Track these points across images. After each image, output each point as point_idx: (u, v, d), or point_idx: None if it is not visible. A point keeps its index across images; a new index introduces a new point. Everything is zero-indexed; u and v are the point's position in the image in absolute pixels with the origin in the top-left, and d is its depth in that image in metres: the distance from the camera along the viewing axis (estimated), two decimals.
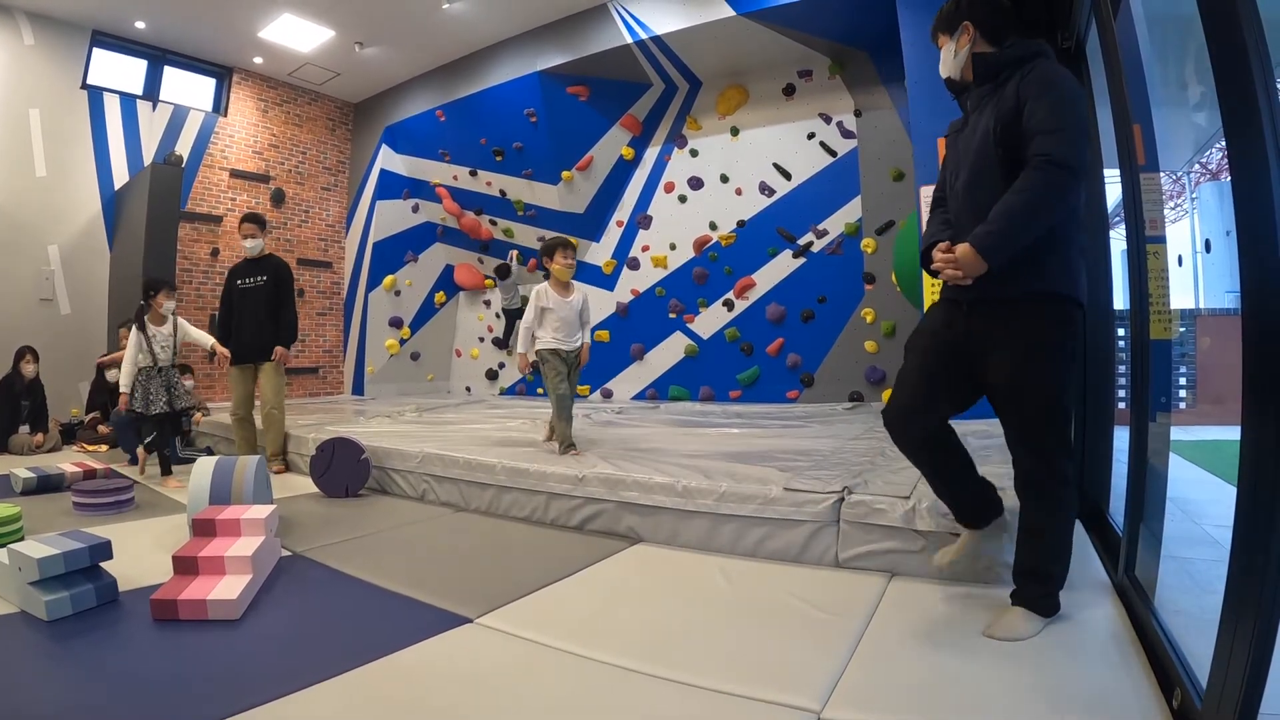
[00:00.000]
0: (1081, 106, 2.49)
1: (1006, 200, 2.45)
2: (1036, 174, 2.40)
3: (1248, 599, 1.55)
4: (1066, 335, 2.56)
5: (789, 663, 2.36)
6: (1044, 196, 2.39)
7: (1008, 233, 2.44)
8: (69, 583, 2.88)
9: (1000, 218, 2.45)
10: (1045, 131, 2.42)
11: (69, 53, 9.30)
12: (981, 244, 2.48)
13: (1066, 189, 2.40)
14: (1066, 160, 2.36)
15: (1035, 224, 2.43)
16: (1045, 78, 2.50)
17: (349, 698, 2.19)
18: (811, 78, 8.88)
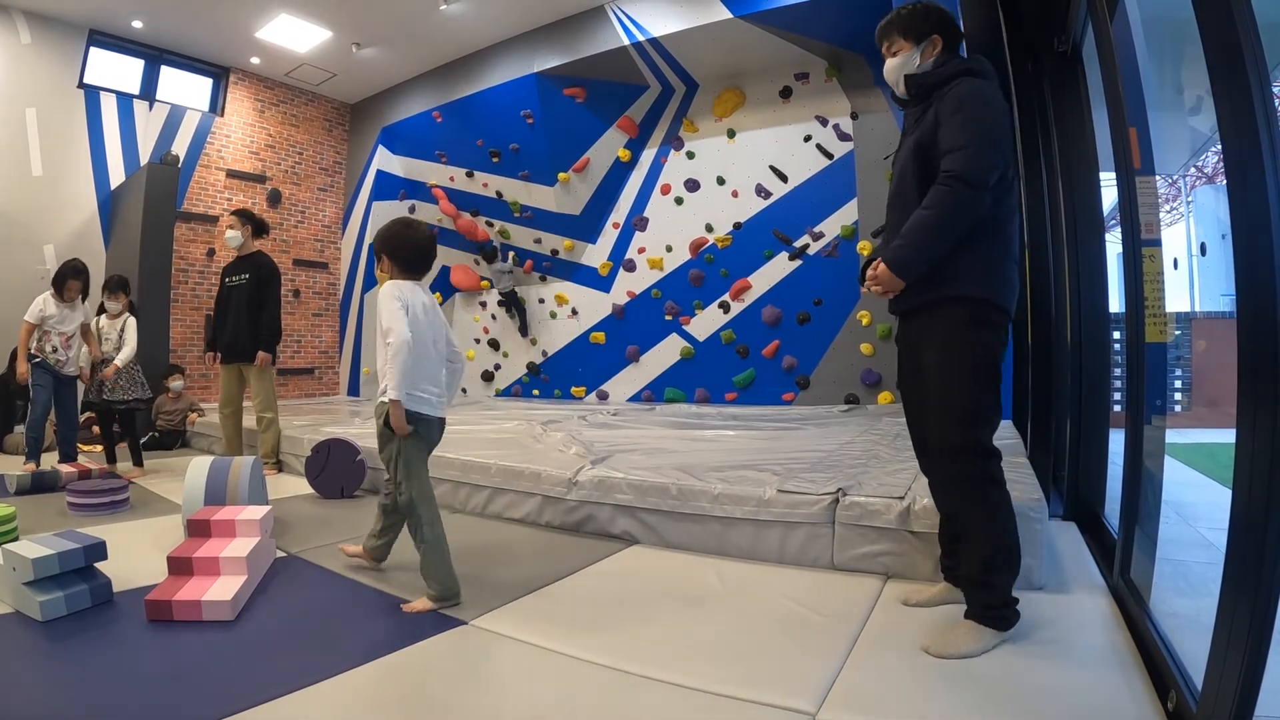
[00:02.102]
0: (995, 122, 2.53)
1: (915, 217, 2.53)
2: (940, 190, 2.47)
3: (1242, 601, 1.55)
4: (978, 336, 2.57)
5: (784, 664, 2.36)
6: (948, 213, 2.46)
7: (916, 248, 2.53)
8: (64, 583, 2.87)
9: (908, 234, 2.53)
10: (952, 149, 2.49)
11: (66, 52, 9.29)
12: (893, 261, 2.58)
13: (969, 204, 2.45)
14: (968, 177, 2.43)
15: (942, 239, 2.50)
16: (959, 96, 2.55)
17: (344, 699, 2.19)
18: (808, 80, 8.89)
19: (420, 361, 3.02)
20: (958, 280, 2.56)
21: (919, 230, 2.51)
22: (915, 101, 2.79)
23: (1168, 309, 3.00)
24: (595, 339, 10.60)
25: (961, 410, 2.58)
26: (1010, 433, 5.12)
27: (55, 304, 5.96)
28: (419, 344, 3.01)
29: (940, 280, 2.58)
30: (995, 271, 2.58)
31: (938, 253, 2.53)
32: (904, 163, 2.75)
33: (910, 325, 2.77)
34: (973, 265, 2.55)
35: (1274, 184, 1.52)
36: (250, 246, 6.30)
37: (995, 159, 2.48)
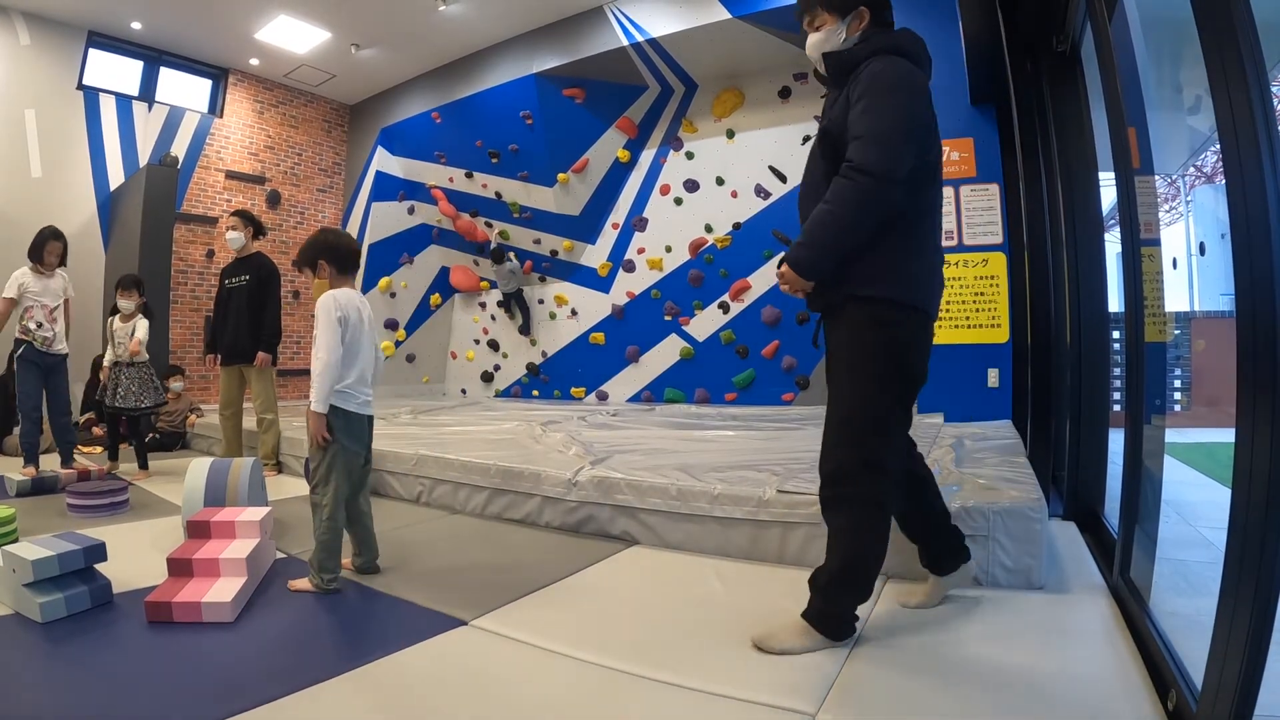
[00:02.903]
0: (906, 108, 2.36)
1: (816, 213, 2.37)
2: (841, 184, 2.32)
3: (1242, 600, 1.55)
4: (877, 339, 2.42)
5: (784, 664, 2.36)
6: (850, 208, 2.30)
7: (816, 247, 2.38)
8: (63, 585, 2.87)
9: (809, 231, 2.39)
10: (856, 137, 2.32)
11: (65, 53, 9.30)
12: (793, 260, 2.43)
13: (874, 199, 2.29)
14: (871, 168, 2.26)
15: (843, 236, 2.34)
16: (870, 79, 2.38)
17: (344, 700, 2.19)
18: (807, 80, 8.88)
19: (353, 365, 3.23)
20: (857, 279, 2.42)
21: (818, 227, 2.35)
22: (833, 84, 2.60)
23: (1167, 309, 3.00)
24: (595, 339, 10.60)
25: (852, 419, 2.46)
26: (1010, 432, 5.14)
27: (33, 276, 5.77)
28: (357, 351, 3.24)
29: (843, 279, 2.43)
30: (899, 270, 2.43)
31: (841, 251, 2.37)
32: (812, 153, 2.60)
33: (825, 325, 2.64)
34: (873, 263, 2.40)
35: (1273, 183, 1.52)
36: (250, 248, 6.31)
37: (905, 149, 2.32)
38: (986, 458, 4.16)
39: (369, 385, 3.34)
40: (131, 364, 5.96)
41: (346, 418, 3.20)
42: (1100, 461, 3.99)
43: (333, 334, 3.13)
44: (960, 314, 6.08)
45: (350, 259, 3.41)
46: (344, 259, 3.38)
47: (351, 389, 3.22)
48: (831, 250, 2.36)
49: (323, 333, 3.14)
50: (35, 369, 5.75)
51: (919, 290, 2.47)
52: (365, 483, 3.46)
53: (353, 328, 3.21)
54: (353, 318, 3.23)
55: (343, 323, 3.17)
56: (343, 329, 3.17)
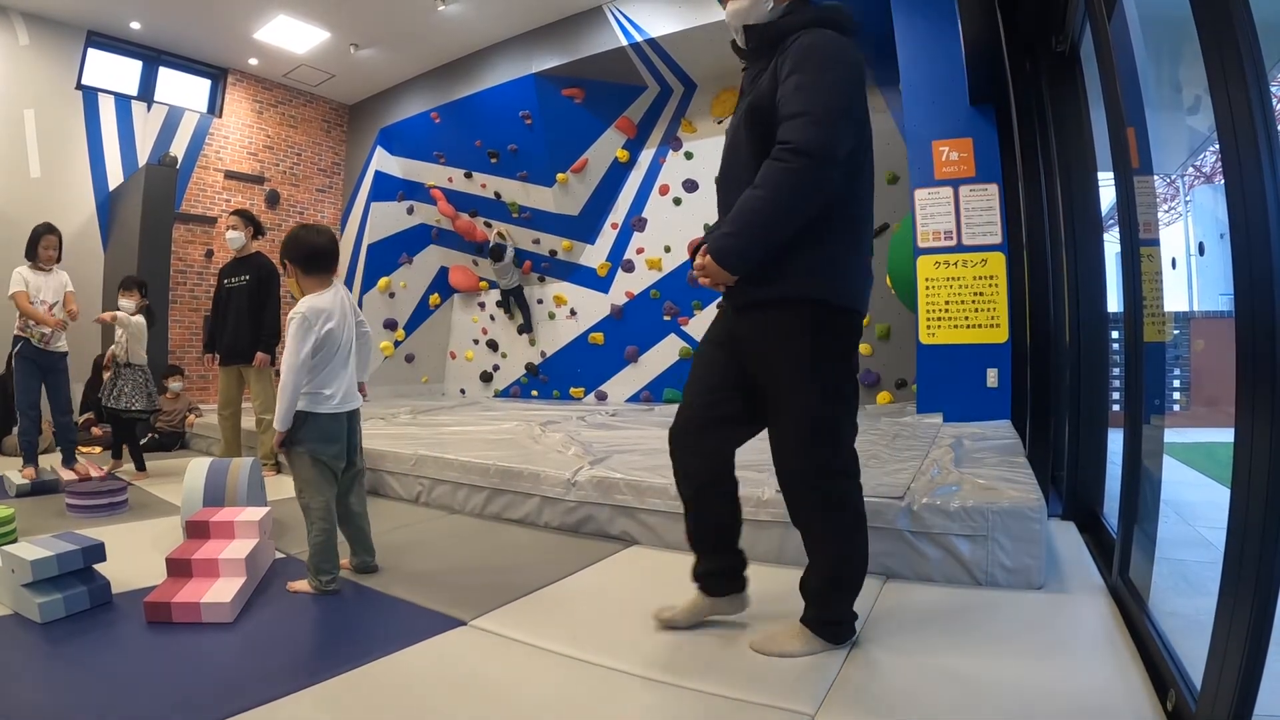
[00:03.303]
0: (848, 84, 2.19)
1: (744, 199, 2.17)
2: (774, 167, 2.12)
3: (1241, 600, 1.55)
4: (820, 344, 2.29)
5: (783, 665, 2.36)
6: (784, 193, 2.11)
7: (746, 237, 2.19)
8: (62, 585, 2.87)
9: (737, 219, 2.19)
10: (791, 115, 2.12)
11: (64, 53, 9.30)
12: (716, 249, 2.24)
13: (813, 182, 2.11)
14: (808, 148, 2.07)
15: (776, 225, 2.16)
16: (803, 49, 2.19)
17: (343, 701, 2.19)
18: None
19: (322, 370, 3.18)
20: (795, 277, 2.24)
21: (748, 214, 2.16)
22: (755, 57, 2.42)
23: (1166, 308, 3.00)
24: (594, 339, 10.60)
25: (805, 428, 2.32)
26: (1009, 432, 5.14)
27: (33, 274, 5.73)
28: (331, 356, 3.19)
29: (776, 275, 2.25)
30: (838, 267, 2.28)
31: (772, 242, 2.18)
32: (735, 132, 2.40)
33: (742, 322, 2.41)
34: (813, 260, 2.24)
35: (1272, 183, 1.52)
36: (250, 248, 6.31)
37: (845, 129, 2.15)
38: (986, 458, 4.16)
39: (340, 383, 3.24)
40: (129, 364, 5.95)
41: (314, 420, 3.16)
42: (1099, 461, 3.99)
43: (296, 356, 3.07)
44: (959, 314, 6.07)
45: (316, 258, 3.29)
46: (309, 258, 3.28)
47: (318, 391, 3.17)
48: (762, 239, 2.18)
49: (288, 349, 3.11)
50: (34, 367, 5.71)
51: (856, 290, 2.37)
52: (356, 482, 3.44)
53: (331, 335, 3.17)
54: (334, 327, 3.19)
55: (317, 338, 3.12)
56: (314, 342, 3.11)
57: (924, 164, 6.23)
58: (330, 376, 3.21)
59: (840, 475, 2.37)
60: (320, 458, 3.19)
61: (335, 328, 3.19)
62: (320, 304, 3.19)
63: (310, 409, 3.15)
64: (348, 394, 3.28)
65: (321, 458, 3.19)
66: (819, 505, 2.38)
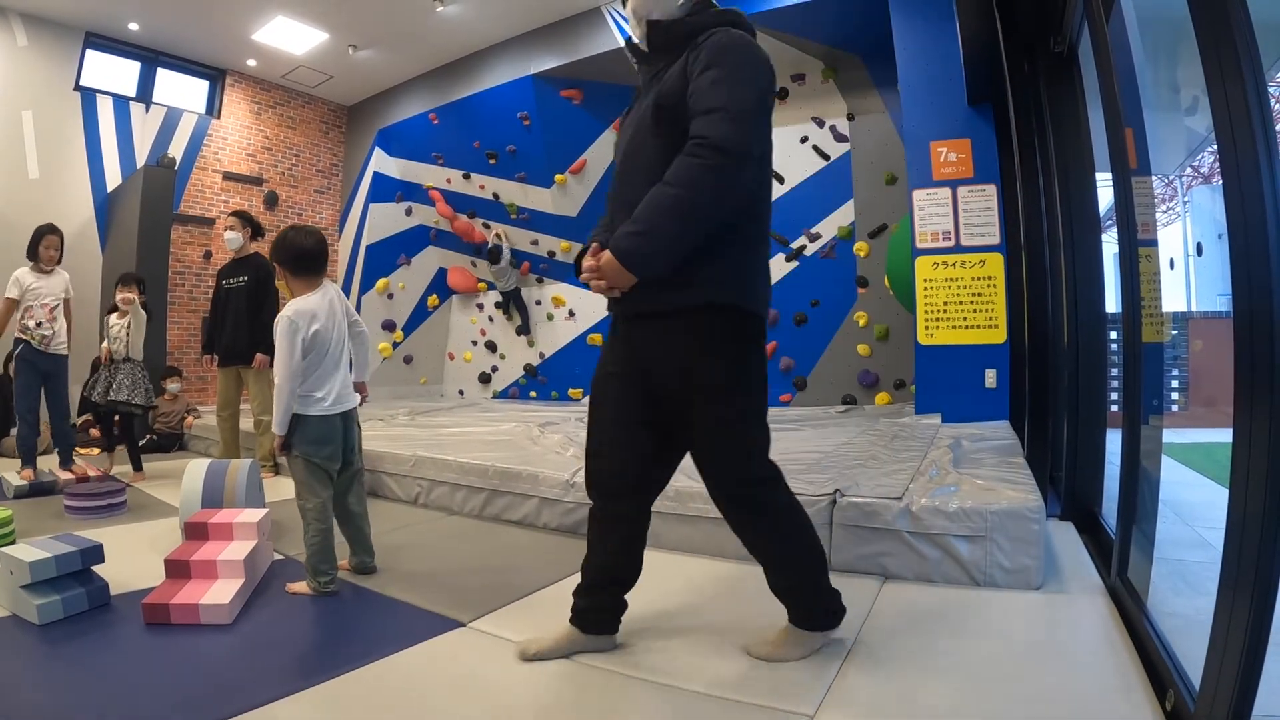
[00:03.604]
0: (760, 83, 2.15)
1: (655, 196, 2.04)
2: (691, 163, 2.01)
3: (1240, 600, 1.55)
4: (740, 353, 2.23)
5: (782, 666, 2.36)
6: (704, 191, 2.00)
7: (657, 236, 2.05)
8: (60, 586, 2.86)
9: (646, 217, 2.05)
10: (706, 111, 2.04)
11: (62, 54, 9.28)
12: (625, 250, 2.08)
13: (730, 180, 2.02)
14: (729, 145, 1.98)
15: (691, 223, 2.04)
16: (720, 46, 2.14)
17: (342, 702, 2.19)
18: (805, 81, 8.88)
19: (314, 371, 3.24)
20: (706, 283, 2.14)
21: (662, 212, 2.03)
22: (656, 54, 2.35)
23: (1164, 309, 3.00)
24: (593, 341, 10.58)
25: (732, 444, 2.25)
26: (1008, 433, 5.14)
27: (34, 275, 5.72)
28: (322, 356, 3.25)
29: (684, 280, 2.13)
30: (746, 271, 2.22)
31: (684, 242, 2.06)
32: (638, 129, 2.29)
33: (639, 332, 2.29)
34: (723, 264, 2.15)
35: (1270, 184, 1.52)
36: (248, 249, 6.31)
37: (761, 128, 2.11)
38: (984, 458, 4.17)
39: (333, 384, 3.29)
40: (127, 360, 5.95)
41: (307, 422, 3.20)
42: (1098, 462, 3.99)
43: (288, 357, 3.14)
44: (958, 315, 6.08)
45: (305, 259, 3.35)
46: (297, 259, 3.34)
47: (309, 393, 3.22)
48: (675, 241, 2.06)
49: (277, 355, 3.17)
50: (33, 369, 5.69)
51: (766, 296, 2.32)
52: (355, 482, 3.45)
53: (319, 336, 3.22)
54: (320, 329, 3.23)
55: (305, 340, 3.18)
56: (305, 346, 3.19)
57: (922, 164, 6.24)
58: (321, 379, 3.25)
59: (761, 483, 2.32)
60: (314, 459, 3.21)
61: (322, 329, 3.23)
62: (306, 306, 3.24)
63: (301, 411, 3.19)
64: (340, 395, 3.31)
65: (315, 459, 3.21)
66: (749, 516, 2.36)
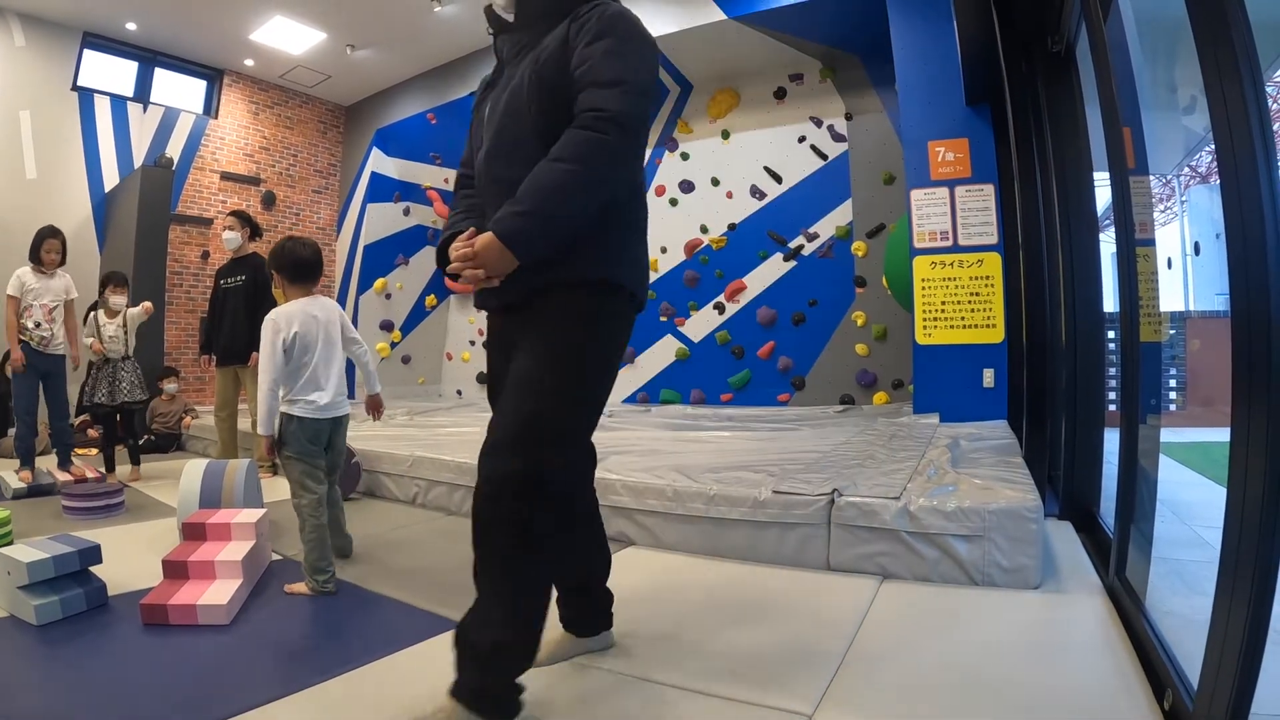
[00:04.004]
0: (651, 60, 2.03)
1: (540, 173, 1.84)
2: (584, 137, 1.83)
3: (1238, 600, 1.55)
4: (606, 332, 2.09)
5: (780, 665, 2.36)
6: (601, 165, 1.85)
7: (543, 215, 1.83)
8: (58, 587, 2.86)
9: (533, 194, 1.83)
10: (600, 84, 1.87)
11: (60, 54, 9.28)
12: (506, 230, 1.84)
13: (624, 155, 1.90)
14: (625, 119, 1.84)
15: (584, 200, 1.86)
16: (609, 19, 1.96)
17: (339, 703, 2.19)
18: (803, 81, 8.89)
19: (301, 374, 3.37)
20: (588, 257, 1.98)
21: (550, 190, 1.83)
22: (524, 25, 2.13)
23: (1162, 308, 3.00)
24: None
25: (537, 421, 1.90)
26: (1006, 433, 5.14)
27: (34, 276, 5.71)
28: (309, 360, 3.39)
29: (560, 260, 1.94)
30: (629, 250, 2.10)
31: (574, 223, 1.88)
32: (512, 104, 2.06)
33: (513, 321, 2.08)
34: (610, 243, 2.02)
35: (1268, 183, 1.52)
36: (246, 248, 6.31)
37: (648, 106, 1.99)
38: (982, 458, 4.17)
39: (324, 388, 3.42)
40: (126, 357, 5.98)
41: (300, 423, 3.34)
42: (1096, 461, 3.99)
43: (271, 357, 3.28)
44: (955, 314, 6.08)
45: (301, 269, 3.51)
46: (295, 268, 3.50)
47: (300, 396, 3.36)
48: (564, 221, 1.87)
49: (262, 355, 3.31)
50: (32, 370, 5.69)
51: (644, 277, 2.20)
52: (334, 467, 3.62)
53: (300, 339, 3.36)
54: (301, 330, 3.36)
55: (285, 340, 3.32)
56: (286, 346, 3.32)
57: (920, 164, 6.24)
58: (312, 383, 3.39)
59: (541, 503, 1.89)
60: (306, 459, 3.35)
61: (302, 331, 3.37)
62: (287, 309, 3.41)
63: (294, 413, 3.34)
64: (333, 402, 3.45)
65: (308, 459, 3.35)
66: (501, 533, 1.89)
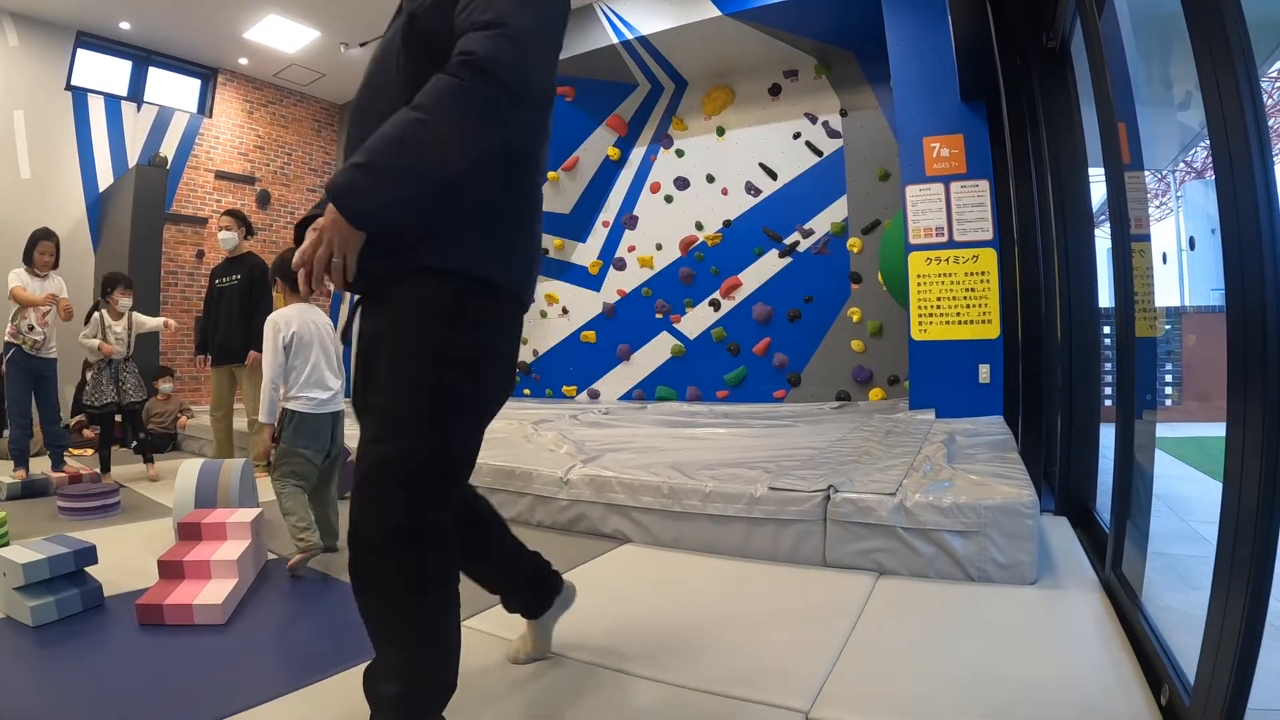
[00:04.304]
0: (555, 11, 1.75)
1: (394, 122, 1.51)
2: (451, 83, 1.48)
3: (1234, 594, 1.55)
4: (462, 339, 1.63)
5: (777, 663, 2.36)
6: (454, 118, 1.48)
7: (384, 169, 1.50)
8: (54, 588, 2.85)
9: (375, 147, 1.50)
10: (475, 26, 1.53)
11: (54, 54, 9.24)
12: (338, 186, 1.52)
13: (496, 112, 1.51)
14: (500, 68, 1.48)
15: (434, 159, 1.51)
16: None
17: (336, 702, 2.18)
18: (797, 78, 8.90)
19: (300, 370, 3.73)
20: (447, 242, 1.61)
21: (397, 142, 1.49)
22: None
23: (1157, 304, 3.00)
24: (586, 338, 10.58)
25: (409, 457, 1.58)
26: (1002, 428, 5.15)
27: (29, 278, 5.73)
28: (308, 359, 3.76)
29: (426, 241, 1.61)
30: (507, 236, 1.70)
31: (422, 185, 1.53)
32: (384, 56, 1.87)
33: (374, 311, 1.73)
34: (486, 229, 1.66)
35: (1263, 178, 1.52)
36: (241, 248, 6.30)
37: (547, 61, 1.68)
38: (978, 454, 4.17)
39: (327, 386, 3.79)
40: (128, 359, 5.97)
41: (302, 418, 3.69)
42: (1092, 457, 4.00)
43: (273, 354, 3.68)
44: (951, 310, 6.08)
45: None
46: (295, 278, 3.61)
47: (303, 393, 3.71)
48: (409, 179, 1.52)
49: (265, 353, 3.72)
50: (25, 374, 5.70)
51: (529, 272, 1.79)
52: (334, 469, 3.95)
53: (298, 338, 3.73)
54: (299, 331, 3.73)
55: (285, 339, 3.70)
56: (283, 342, 3.69)
57: (915, 160, 6.24)
58: (311, 380, 3.73)
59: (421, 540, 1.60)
60: (299, 450, 3.67)
61: (299, 332, 3.73)
62: (288, 312, 3.77)
63: (295, 408, 3.68)
64: (333, 399, 3.81)
65: (300, 450, 3.67)
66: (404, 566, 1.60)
